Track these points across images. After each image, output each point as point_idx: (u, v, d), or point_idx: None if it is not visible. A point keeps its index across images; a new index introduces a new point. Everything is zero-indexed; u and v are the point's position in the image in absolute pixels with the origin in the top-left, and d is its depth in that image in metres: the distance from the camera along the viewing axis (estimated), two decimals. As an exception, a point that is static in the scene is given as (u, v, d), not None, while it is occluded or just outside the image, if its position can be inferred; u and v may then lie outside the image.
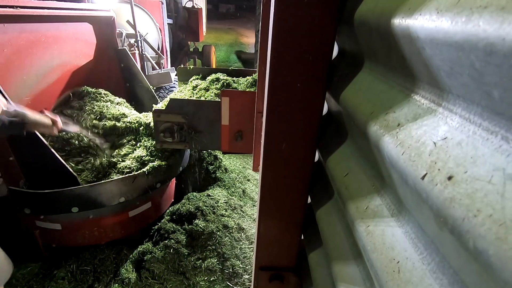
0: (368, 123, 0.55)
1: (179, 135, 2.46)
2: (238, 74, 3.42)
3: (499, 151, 0.30)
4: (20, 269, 2.68)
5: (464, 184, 0.31)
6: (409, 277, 0.42)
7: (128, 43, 4.31)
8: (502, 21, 0.26)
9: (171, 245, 2.71)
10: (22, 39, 2.45)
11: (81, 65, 3.12)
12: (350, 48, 0.82)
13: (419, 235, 0.45)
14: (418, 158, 0.39)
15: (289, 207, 0.96)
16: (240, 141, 2.35)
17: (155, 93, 3.63)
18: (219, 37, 17.78)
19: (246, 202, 3.79)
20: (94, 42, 3.30)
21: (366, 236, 0.55)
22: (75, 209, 2.30)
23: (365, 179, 0.66)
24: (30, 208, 2.31)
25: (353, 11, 0.66)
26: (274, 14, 0.71)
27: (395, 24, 0.45)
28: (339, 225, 0.81)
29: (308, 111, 0.81)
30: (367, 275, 0.64)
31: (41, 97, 2.68)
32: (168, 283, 2.56)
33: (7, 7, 2.22)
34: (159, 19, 6.02)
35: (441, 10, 0.35)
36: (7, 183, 2.24)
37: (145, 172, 2.56)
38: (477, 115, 0.34)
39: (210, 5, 26.19)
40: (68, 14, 2.85)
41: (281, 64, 0.76)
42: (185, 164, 3.21)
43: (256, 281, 1.08)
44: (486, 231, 0.26)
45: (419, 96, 0.46)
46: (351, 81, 0.74)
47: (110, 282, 2.58)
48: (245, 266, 2.75)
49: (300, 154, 0.87)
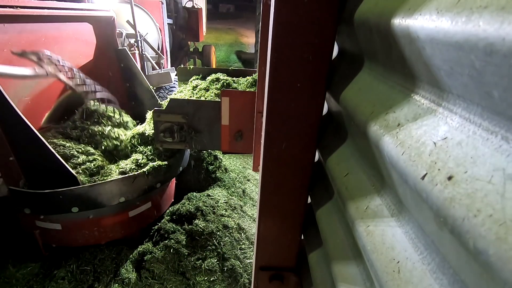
0: (368, 123, 0.55)
1: (179, 135, 2.46)
2: (238, 74, 3.42)
3: (499, 151, 0.30)
4: (20, 269, 2.68)
5: (464, 184, 0.31)
6: (409, 277, 0.42)
7: (128, 43, 4.31)
8: (502, 21, 0.26)
9: (171, 245, 2.71)
10: (22, 39, 2.45)
11: (81, 65, 3.12)
12: (350, 48, 0.82)
13: (419, 235, 0.45)
14: (418, 158, 0.39)
15: (289, 207, 0.96)
16: (240, 141, 2.35)
17: (155, 93, 3.63)
18: (219, 37, 17.79)
19: (246, 202, 3.79)
20: (94, 42, 3.30)
21: (366, 236, 0.55)
22: (75, 209, 2.30)
23: (365, 179, 0.66)
24: (30, 208, 2.31)
25: (353, 11, 0.66)
26: (274, 14, 0.71)
27: (395, 24, 0.45)
28: (339, 225, 0.81)
29: (308, 111, 0.81)
30: (367, 275, 0.64)
31: (41, 97, 2.68)
32: (168, 283, 2.56)
33: (7, 7, 2.22)
34: (159, 19, 6.02)
35: (441, 10, 0.35)
36: (7, 183, 2.24)
37: (145, 172, 2.56)
38: (477, 115, 0.34)
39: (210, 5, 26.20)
40: (68, 14, 2.86)
41: (281, 64, 0.76)
42: (185, 164, 3.21)
43: (256, 281, 1.08)
44: (486, 231, 0.26)
45: (419, 96, 0.46)
46: (351, 81, 0.74)
47: (110, 282, 2.58)
48: (245, 266, 2.75)
49: (300, 154, 0.87)
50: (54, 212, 2.38)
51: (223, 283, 2.63)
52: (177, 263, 2.66)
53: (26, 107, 2.51)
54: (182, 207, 3.13)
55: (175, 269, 2.64)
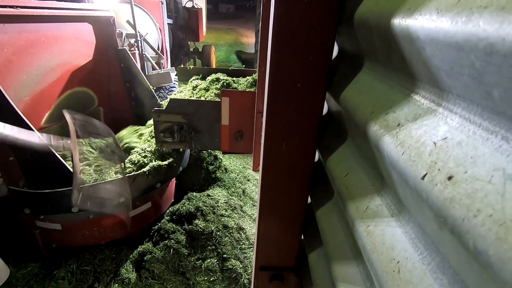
0: (368, 123, 0.55)
1: (179, 135, 2.46)
2: (238, 74, 3.41)
3: (499, 151, 0.30)
4: (20, 269, 2.68)
5: (464, 184, 0.31)
6: (409, 277, 0.42)
7: (128, 43, 4.31)
8: (502, 21, 0.26)
9: (171, 245, 2.71)
10: (22, 39, 2.46)
11: (81, 65, 3.12)
12: (350, 48, 0.82)
13: (419, 235, 0.45)
14: (418, 158, 0.39)
15: (289, 207, 0.96)
16: (240, 141, 2.35)
17: (155, 93, 3.63)
18: (219, 37, 17.78)
19: (246, 202, 3.79)
20: (94, 42, 3.30)
21: (366, 236, 0.55)
22: (75, 209, 2.30)
23: (365, 179, 0.66)
24: (30, 208, 2.31)
25: (353, 11, 0.66)
26: (274, 14, 0.71)
27: (395, 24, 0.45)
28: (339, 225, 0.81)
29: (308, 111, 0.81)
30: (367, 275, 0.64)
31: (41, 97, 2.68)
32: (168, 283, 2.56)
33: (7, 7, 2.22)
34: (159, 19, 6.02)
35: (441, 10, 0.35)
36: (7, 183, 2.24)
37: (145, 172, 2.56)
38: (477, 115, 0.34)
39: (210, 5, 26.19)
40: (68, 14, 2.86)
41: (281, 64, 0.76)
42: (185, 164, 3.21)
43: (256, 281, 1.08)
44: (486, 231, 0.26)
45: (419, 96, 0.46)
46: (351, 81, 0.74)
47: (110, 282, 2.58)
48: (245, 266, 2.75)
49: (300, 154, 0.87)
50: (54, 212, 2.38)
51: (223, 283, 2.63)
52: (177, 263, 2.66)
53: (26, 107, 2.51)
54: (182, 207, 3.13)
55: (175, 269, 2.64)
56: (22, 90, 2.47)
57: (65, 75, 2.95)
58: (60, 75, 2.89)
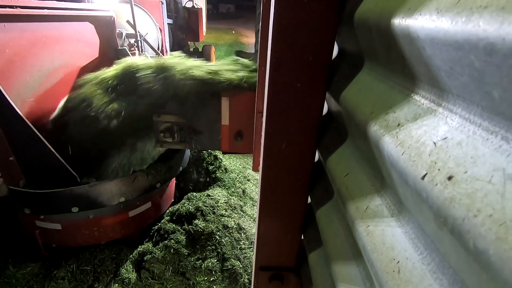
0: (368, 123, 0.55)
1: (179, 135, 2.46)
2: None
3: (499, 151, 0.30)
4: (20, 269, 2.68)
5: (464, 184, 0.31)
6: (409, 277, 0.42)
7: (128, 43, 4.31)
8: (502, 21, 0.26)
9: (171, 245, 2.71)
10: (23, 39, 2.45)
11: (82, 65, 3.12)
12: (350, 48, 0.82)
13: (419, 235, 0.45)
14: (418, 158, 0.39)
15: (289, 207, 0.96)
16: (240, 141, 2.35)
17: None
18: (219, 37, 17.78)
19: (246, 202, 3.78)
20: (94, 42, 3.30)
21: (366, 236, 0.55)
22: (75, 209, 2.30)
23: (365, 179, 0.66)
24: (30, 208, 2.31)
25: (353, 11, 0.66)
26: (274, 14, 0.71)
27: (395, 24, 0.45)
28: (339, 225, 0.81)
29: (308, 111, 0.81)
30: (367, 275, 0.64)
31: (45, 98, 2.66)
32: (168, 283, 2.56)
33: (7, 7, 2.22)
34: (159, 19, 6.02)
35: (441, 10, 0.35)
36: (7, 183, 2.24)
37: (145, 172, 2.56)
38: (477, 115, 0.34)
39: (210, 5, 26.19)
40: (68, 14, 2.85)
41: (281, 64, 0.76)
42: (185, 164, 3.21)
43: (256, 281, 1.08)
44: (486, 231, 0.26)
45: (419, 96, 0.46)
46: (351, 81, 0.74)
47: (110, 282, 2.58)
48: (245, 266, 2.75)
49: (300, 154, 0.87)
50: (54, 212, 2.38)
51: (223, 283, 2.63)
52: (177, 263, 2.66)
53: (30, 108, 2.50)
54: (182, 207, 3.13)
55: (175, 269, 2.64)
56: (26, 91, 2.46)
57: (68, 76, 2.94)
58: (63, 75, 2.88)
